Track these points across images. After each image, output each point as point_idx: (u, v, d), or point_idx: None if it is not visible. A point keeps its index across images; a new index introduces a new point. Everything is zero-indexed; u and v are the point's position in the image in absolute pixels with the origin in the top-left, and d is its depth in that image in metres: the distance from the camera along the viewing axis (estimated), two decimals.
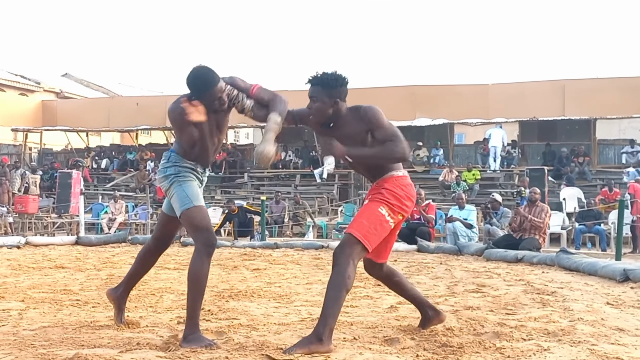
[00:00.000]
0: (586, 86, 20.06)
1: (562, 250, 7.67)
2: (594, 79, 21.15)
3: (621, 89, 19.21)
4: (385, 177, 3.48)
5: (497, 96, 20.54)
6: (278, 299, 5.17)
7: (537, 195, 9.73)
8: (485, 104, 20.47)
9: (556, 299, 5.00)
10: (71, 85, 34.50)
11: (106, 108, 25.58)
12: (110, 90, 35.93)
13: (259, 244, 10.60)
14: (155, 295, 5.34)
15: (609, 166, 19.59)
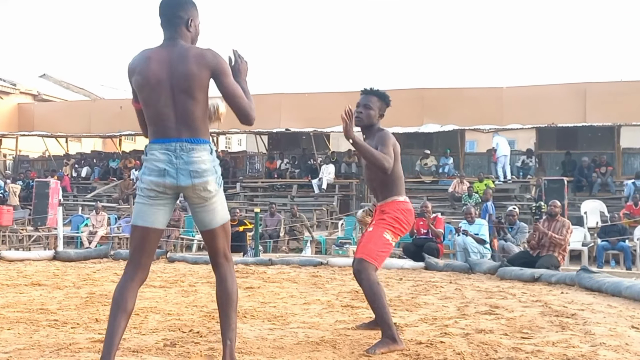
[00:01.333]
0: (609, 90, 20.09)
1: (583, 268, 7.66)
2: (618, 82, 21.20)
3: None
4: (388, 201, 4.39)
5: (512, 100, 20.62)
6: (273, 320, 5.17)
7: (557, 209, 9.72)
8: (499, 108, 20.55)
9: (576, 321, 4.99)
10: (49, 86, 34.59)
11: (87, 112, 25.71)
12: (91, 92, 36.03)
13: (252, 260, 10.58)
14: (140, 315, 5.33)
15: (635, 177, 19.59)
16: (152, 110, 3.24)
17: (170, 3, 3.31)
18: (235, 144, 38.82)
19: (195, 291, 7.04)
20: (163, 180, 3.20)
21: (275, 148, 24.23)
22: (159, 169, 3.19)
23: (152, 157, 3.22)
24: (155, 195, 3.24)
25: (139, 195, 3.28)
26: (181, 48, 3.25)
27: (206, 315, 5.33)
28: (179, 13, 3.29)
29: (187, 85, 3.19)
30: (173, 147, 3.19)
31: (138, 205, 3.28)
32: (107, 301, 6.09)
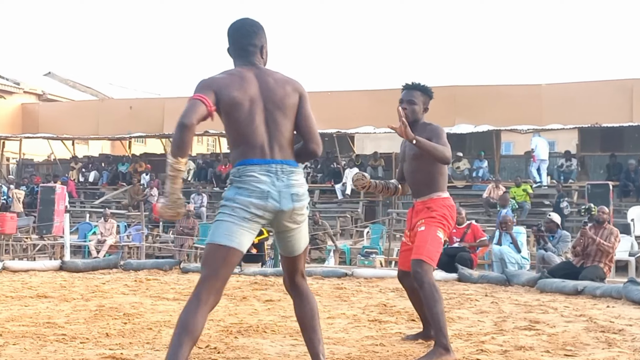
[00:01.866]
0: None
1: (630, 280, 7.60)
2: None
3: None
4: (434, 197, 4.61)
5: (551, 98, 20.50)
6: (295, 335, 5.17)
7: (605, 215, 9.63)
8: (538, 107, 20.43)
9: (624, 337, 4.96)
10: (55, 85, 34.95)
11: (95, 112, 25.91)
12: (99, 91, 36.38)
13: (271, 271, 10.59)
14: (153, 329, 5.37)
15: None
16: (245, 129, 3.31)
17: (244, 32, 3.46)
18: None
19: None
20: (265, 203, 3.24)
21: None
22: (260, 190, 3.23)
23: (251, 178, 3.25)
24: (251, 217, 3.25)
25: (229, 214, 3.25)
26: (271, 72, 3.44)
27: (223, 330, 5.35)
28: (254, 41, 3.46)
29: (284, 107, 3.36)
30: (276, 168, 3.28)
31: (226, 224, 3.24)
32: (118, 314, 6.15)
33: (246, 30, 3.46)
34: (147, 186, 21.79)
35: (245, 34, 3.45)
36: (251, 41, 3.45)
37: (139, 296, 7.68)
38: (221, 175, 22.25)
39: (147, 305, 6.86)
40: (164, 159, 23.30)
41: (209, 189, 21.77)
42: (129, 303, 6.99)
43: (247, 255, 13.59)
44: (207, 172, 22.83)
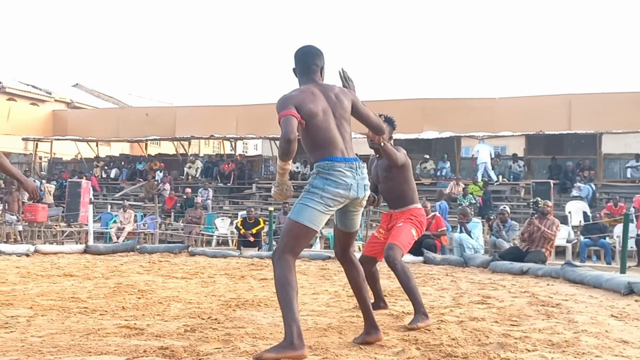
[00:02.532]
0: (593, 100, 20.03)
1: (567, 263, 7.65)
2: (601, 94, 21.11)
3: (627, 104, 19.22)
4: (411, 208, 4.79)
5: (504, 110, 20.56)
6: None
7: (549, 208, 9.70)
8: (493, 117, 20.47)
9: (561, 310, 4.98)
10: (82, 95, 34.73)
11: (116, 118, 25.76)
12: (120, 100, 36.16)
13: (266, 255, 10.60)
14: (163, 303, 5.35)
15: (615, 180, 19.51)
16: (324, 134, 3.52)
17: (309, 55, 3.70)
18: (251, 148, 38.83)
19: (214, 282, 7.06)
20: (348, 193, 3.48)
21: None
22: (346, 183, 3.47)
23: (338, 172, 3.47)
24: (334, 205, 3.49)
25: (318, 202, 3.44)
26: (332, 87, 3.68)
27: (223, 304, 5.33)
28: (316, 62, 3.70)
29: (347, 114, 3.63)
30: (355, 165, 3.53)
31: (313, 211, 3.44)
32: (133, 291, 6.12)
33: (312, 53, 3.70)
34: (160, 182, 21.70)
35: (311, 56, 3.69)
36: (315, 61, 3.68)
37: (152, 275, 7.65)
38: (224, 172, 22.20)
39: (158, 283, 6.84)
40: (175, 158, 23.41)
41: (214, 184, 21.69)
42: (143, 281, 6.96)
43: (246, 241, 13.59)
44: (212, 170, 22.75)
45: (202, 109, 24.64)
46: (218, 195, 21.40)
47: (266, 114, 22.36)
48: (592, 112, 19.33)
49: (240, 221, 14.36)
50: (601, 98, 20.25)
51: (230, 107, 24.20)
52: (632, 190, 17.36)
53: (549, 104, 20.24)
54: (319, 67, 3.69)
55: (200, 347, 3.54)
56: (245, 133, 23.30)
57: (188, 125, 23.34)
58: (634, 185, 18.20)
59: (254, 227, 13.91)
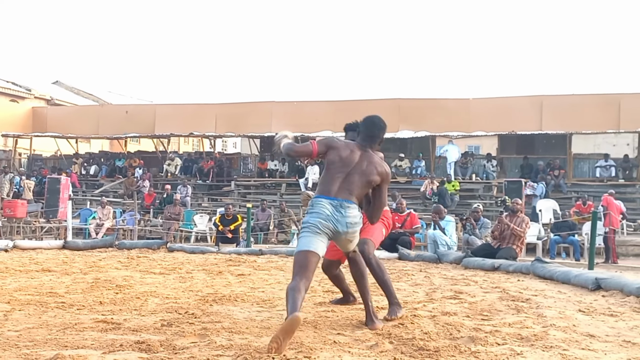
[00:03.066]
0: (563, 102, 20.27)
1: (537, 259, 7.72)
2: (571, 95, 21.37)
3: (597, 105, 19.46)
4: None
5: (478, 110, 20.70)
6: (261, 303, 5.16)
7: (519, 206, 9.77)
8: (467, 117, 20.61)
9: (530, 305, 5.03)
10: (61, 92, 34.27)
11: (96, 115, 25.45)
12: (100, 98, 35.74)
13: (244, 251, 10.57)
14: (140, 298, 5.31)
15: (584, 179, 19.75)
16: (329, 176, 4.00)
17: (377, 127, 4.19)
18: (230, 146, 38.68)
19: (191, 277, 7.01)
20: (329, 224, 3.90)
21: (267, 150, 24.16)
22: (326, 214, 3.90)
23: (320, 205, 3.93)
24: (321, 232, 3.90)
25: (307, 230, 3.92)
26: (371, 155, 4.09)
27: (201, 299, 5.30)
28: (380, 134, 4.19)
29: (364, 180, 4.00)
30: (337, 203, 3.92)
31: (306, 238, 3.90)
32: (111, 286, 6.07)
33: (380, 126, 4.21)
34: (139, 179, 21.52)
35: (378, 128, 4.19)
36: (379, 134, 4.18)
37: (130, 270, 7.58)
38: (203, 170, 22.08)
39: (136, 278, 6.78)
40: (155, 156, 23.20)
41: (193, 181, 21.57)
42: (121, 276, 6.90)
43: (224, 237, 13.54)
44: (191, 168, 22.63)
45: (182, 107, 24.46)
46: (197, 192, 21.27)
47: (245, 113, 22.35)
48: (563, 113, 19.56)
49: (219, 218, 14.30)
50: (571, 99, 20.50)
51: (209, 106, 24.06)
52: (600, 189, 17.58)
53: (521, 104, 20.42)
54: (379, 139, 4.19)
55: (176, 341, 3.52)
56: (224, 131, 23.18)
57: (167, 123, 23.15)
58: (602, 185, 18.44)
59: (232, 223, 13.86)
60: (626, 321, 4.37)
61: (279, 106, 22.72)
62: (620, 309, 4.88)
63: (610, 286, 5.76)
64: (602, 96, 20.23)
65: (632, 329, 4.10)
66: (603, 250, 12.81)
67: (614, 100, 19.53)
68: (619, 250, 13.31)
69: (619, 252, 13.18)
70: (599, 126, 19.41)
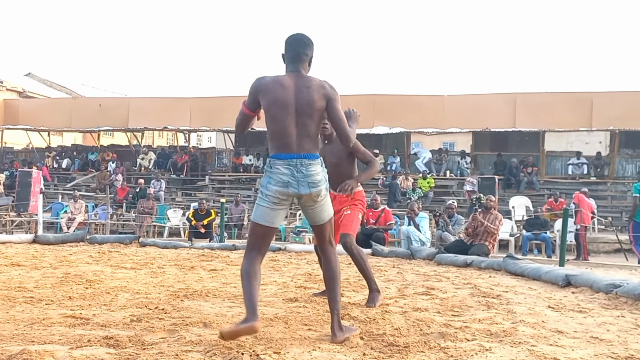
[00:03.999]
0: (536, 100, 20.51)
1: (508, 255, 7.79)
2: (544, 93, 21.61)
3: (569, 104, 19.72)
4: (356, 191, 5.02)
5: (452, 107, 20.85)
6: (233, 298, 5.14)
7: (492, 203, 9.87)
8: (441, 114, 20.74)
9: (500, 301, 5.08)
10: (34, 84, 33.73)
11: (69, 108, 25.13)
12: (73, 90, 35.25)
13: (217, 246, 10.53)
14: (110, 293, 5.25)
15: (556, 177, 20.02)
16: (277, 126, 3.48)
17: (301, 43, 3.61)
18: (205, 140, 38.45)
19: (163, 272, 6.96)
20: (286, 190, 3.47)
21: (242, 145, 24.09)
22: (282, 180, 3.46)
23: (276, 170, 3.48)
24: (278, 202, 3.50)
25: (263, 199, 3.51)
26: (305, 79, 3.55)
27: (172, 295, 5.26)
28: (307, 51, 3.62)
29: (312, 110, 3.49)
30: (295, 162, 3.46)
31: (261, 208, 3.52)
32: (81, 281, 5.99)
33: (304, 42, 3.62)
34: (112, 172, 21.33)
35: (302, 45, 3.61)
36: (306, 51, 3.61)
37: (101, 265, 7.50)
38: (177, 164, 21.94)
39: (107, 273, 6.71)
40: (128, 149, 22.97)
41: (167, 176, 21.42)
42: (91, 271, 6.82)
43: (197, 232, 13.47)
44: (165, 162, 22.47)
45: (156, 101, 24.26)
46: (171, 186, 21.13)
47: (220, 107, 22.20)
48: (536, 111, 19.79)
49: (192, 213, 14.22)
50: (544, 97, 20.74)
51: (184, 99, 23.89)
52: (572, 187, 17.85)
53: (495, 102, 20.62)
54: (308, 57, 3.64)
55: (145, 337, 3.49)
56: (198, 125, 23.05)
57: (141, 117, 22.96)
58: (574, 182, 18.70)
59: (205, 218, 13.79)
60: (594, 317, 4.43)
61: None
62: (589, 305, 4.95)
63: (580, 283, 5.84)
64: (574, 94, 20.50)
65: (600, 325, 4.16)
66: (574, 247, 12.99)
67: (587, 99, 19.81)
68: (589, 247, 13.53)
69: (589, 249, 13.40)
70: (572, 124, 19.68)
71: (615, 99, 19.59)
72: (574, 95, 20.44)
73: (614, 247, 14.13)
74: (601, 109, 19.39)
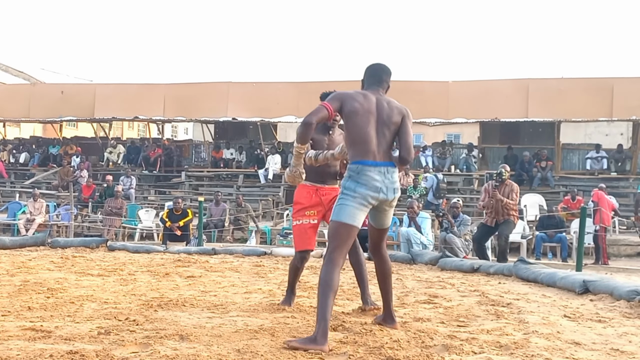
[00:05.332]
0: (551, 86, 20.53)
1: (520, 260, 7.84)
2: (560, 79, 21.71)
3: (588, 91, 19.76)
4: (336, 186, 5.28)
5: (457, 95, 20.87)
6: (212, 308, 5.15)
7: (507, 174, 10.08)
8: (445, 102, 20.78)
9: (511, 310, 5.12)
10: None
11: (27, 96, 24.97)
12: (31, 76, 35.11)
13: (195, 250, 10.54)
14: (75, 303, 5.25)
15: (573, 172, 20.14)
16: (360, 132, 4.13)
17: (385, 70, 4.44)
18: (181, 132, 38.42)
19: (134, 280, 6.96)
20: (377, 195, 4.10)
21: (222, 137, 24.09)
22: (375, 186, 4.09)
23: (368, 176, 4.09)
24: (367, 204, 4.11)
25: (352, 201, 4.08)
26: (385, 97, 4.35)
27: (144, 304, 5.27)
28: (387, 79, 4.43)
29: (391, 124, 4.22)
30: (384, 170, 4.13)
31: (350, 209, 4.07)
32: (42, 289, 5.98)
33: (387, 70, 4.44)
34: (77, 168, 21.27)
35: (386, 72, 4.43)
36: (387, 78, 4.42)
37: (64, 272, 7.50)
38: (150, 159, 21.90)
39: (71, 281, 6.71)
40: (94, 142, 22.87)
41: (138, 172, 21.39)
42: (53, 279, 6.81)
43: (172, 235, 13.47)
44: (136, 156, 22.44)
45: (126, 87, 24.18)
46: (142, 183, 21.10)
47: (197, 94, 22.19)
48: (551, 99, 19.83)
49: (166, 213, 14.21)
50: (560, 84, 20.80)
51: (157, 86, 23.83)
52: (591, 183, 17.93)
53: (506, 89, 20.66)
54: (387, 84, 4.41)
55: (114, 351, 3.49)
56: (173, 115, 22.99)
57: (109, 105, 22.87)
58: (593, 178, 18.78)
59: (182, 219, 13.79)
60: (615, 327, 4.47)
61: (236, 87, 22.64)
62: (609, 314, 5.00)
63: (599, 289, 5.89)
64: (593, 80, 20.58)
65: (620, 336, 4.20)
66: (593, 250, 13.08)
67: (607, 85, 19.88)
68: (610, 250, 13.62)
69: (609, 253, 13.49)
70: (591, 114, 19.76)
71: (639, 86, 19.67)
72: (593, 81, 20.53)
73: (637, 250, 14.25)
74: (623, 97, 19.46)
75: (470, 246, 11.69)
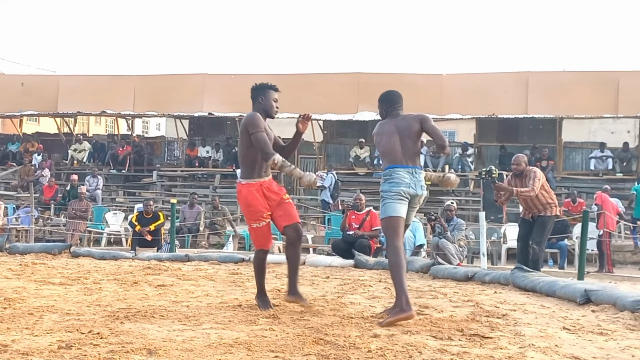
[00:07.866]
0: (552, 80, 20.68)
1: (517, 267, 7.86)
2: (562, 72, 21.88)
3: (591, 85, 19.92)
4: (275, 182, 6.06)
5: (452, 89, 21.00)
6: (184, 320, 5.13)
7: (521, 167, 9.44)
8: (439, 97, 20.89)
9: (507, 322, 5.14)
10: None
11: None
12: None
13: (166, 256, 10.50)
14: (34, 314, 5.22)
15: (576, 173, 20.28)
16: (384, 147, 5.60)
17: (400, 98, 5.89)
18: (153, 128, 38.33)
19: (99, 289, 6.94)
20: (409, 189, 5.43)
21: (197, 134, 24.05)
22: (406, 182, 5.42)
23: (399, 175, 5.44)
24: (404, 198, 5.43)
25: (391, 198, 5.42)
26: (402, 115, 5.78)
27: (110, 316, 5.25)
28: (400, 101, 5.87)
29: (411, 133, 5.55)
30: (412, 170, 5.48)
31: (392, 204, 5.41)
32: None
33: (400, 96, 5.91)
34: (38, 167, 21.17)
35: (398, 100, 5.87)
36: (401, 104, 5.85)
37: (22, 280, 7.46)
38: (118, 157, 21.82)
39: (30, 290, 6.67)
40: (57, 139, 22.80)
41: (105, 171, 21.32)
42: (11, 288, 6.77)
43: (142, 240, 13.43)
44: (104, 155, 22.36)
45: (92, 79, 24.13)
46: (110, 184, 21.05)
47: (171, 87, 22.18)
48: (552, 93, 19.97)
49: (136, 216, 14.17)
50: (562, 77, 20.96)
51: (126, 77, 23.81)
52: (594, 185, 18.01)
53: (504, 82, 20.80)
54: (401, 106, 5.82)
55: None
56: (144, 109, 22.95)
57: (74, 99, 22.82)
58: (597, 179, 18.90)
59: (152, 222, 13.75)
60: (617, 340, 4.51)
61: (213, 80, 22.65)
62: (612, 326, 5.04)
63: (601, 299, 5.93)
64: (598, 74, 20.75)
65: (623, 349, 4.24)
66: (596, 256, 13.16)
67: (612, 79, 20.04)
68: (614, 257, 13.72)
69: (614, 259, 13.59)
70: (595, 109, 19.90)
71: None
72: (598, 74, 20.69)
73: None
74: (630, 92, 19.62)
75: (464, 252, 11.74)
